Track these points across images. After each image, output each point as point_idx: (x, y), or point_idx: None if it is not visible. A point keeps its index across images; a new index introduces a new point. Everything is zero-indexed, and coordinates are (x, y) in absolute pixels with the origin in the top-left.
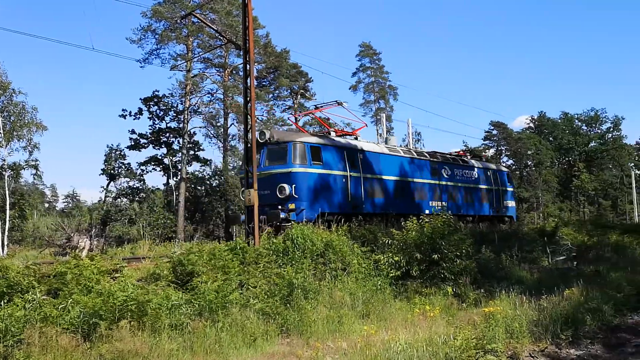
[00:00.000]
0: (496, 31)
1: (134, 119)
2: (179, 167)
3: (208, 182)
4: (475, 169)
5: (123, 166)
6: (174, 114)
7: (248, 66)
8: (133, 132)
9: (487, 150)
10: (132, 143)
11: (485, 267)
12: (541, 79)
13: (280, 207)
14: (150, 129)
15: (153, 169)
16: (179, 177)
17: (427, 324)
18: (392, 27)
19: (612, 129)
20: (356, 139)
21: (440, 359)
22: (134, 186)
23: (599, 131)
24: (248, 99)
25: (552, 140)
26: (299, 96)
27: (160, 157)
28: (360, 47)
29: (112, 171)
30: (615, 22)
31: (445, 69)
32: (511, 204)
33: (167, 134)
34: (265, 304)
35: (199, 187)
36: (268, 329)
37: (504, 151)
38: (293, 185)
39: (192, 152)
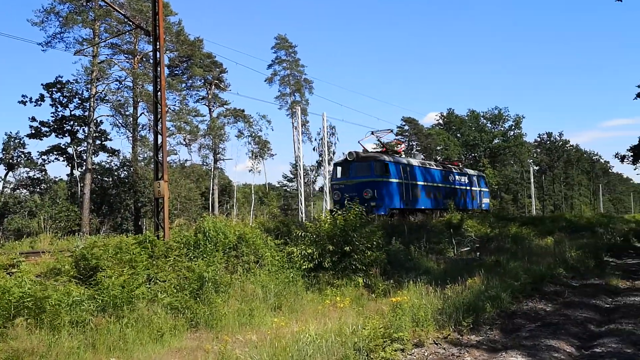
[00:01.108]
0: (408, 31)
1: (35, 106)
2: (84, 157)
3: (116, 174)
4: (467, 176)
5: (22, 155)
6: (79, 101)
7: (158, 54)
8: (34, 119)
9: (399, 145)
10: (33, 131)
11: (395, 258)
12: (451, 77)
13: (365, 204)
14: (52, 117)
15: (56, 158)
16: (84, 168)
17: (338, 315)
18: (307, 21)
19: (513, 127)
20: (400, 155)
21: (348, 349)
22: (35, 177)
23: (502, 129)
24: (158, 87)
25: (460, 137)
26: (213, 86)
27: (63, 147)
28: (276, 39)
29: (10, 160)
30: (517, 27)
31: (360, 65)
32: (487, 200)
33: (71, 122)
34: (174, 298)
35: (106, 179)
36: (177, 323)
37: (414, 146)
38: (375, 190)
39: (98, 142)
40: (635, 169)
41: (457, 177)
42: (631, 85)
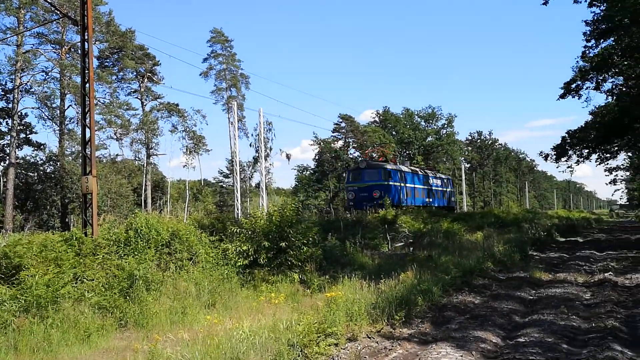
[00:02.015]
0: (344, 28)
1: None
2: (8, 151)
3: (42, 168)
4: (439, 179)
5: None
6: (2, 93)
7: (87, 44)
8: None
9: (336, 142)
10: None
11: (331, 253)
12: (387, 75)
13: (374, 202)
14: None
15: None
16: (7, 162)
17: (272, 311)
18: (244, 15)
19: (446, 125)
20: (396, 162)
21: (282, 345)
22: None
23: (435, 127)
24: (86, 79)
25: (395, 134)
26: (145, 79)
27: None
28: (211, 33)
29: None
30: (451, 30)
31: (297, 61)
32: (453, 199)
33: None
34: (102, 297)
35: (31, 174)
36: (105, 323)
37: (351, 143)
38: (382, 191)
39: (23, 135)
40: (557, 167)
41: (434, 180)
42: (555, 87)
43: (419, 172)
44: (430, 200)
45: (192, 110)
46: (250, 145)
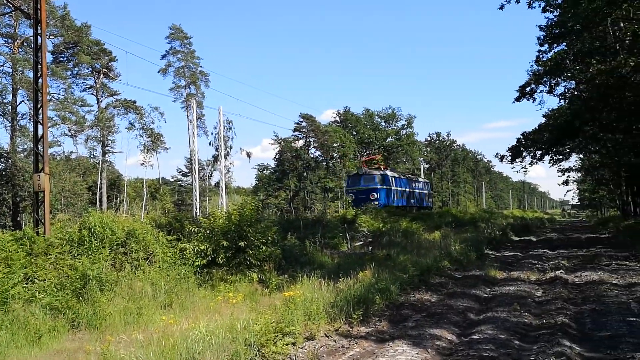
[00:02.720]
0: (305, 28)
1: None
2: None
3: None
4: (420, 182)
5: None
6: None
7: (40, 38)
8: None
9: (296, 142)
10: None
11: (290, 253)
12: (348, 75)
13: (371, 202)
14: None
15: None
16: None
17: (230, 311)
18: (203, 13)
19: (406, 126)
20: (387, 168)
21: (239, 344)
22: None
23: (395, 127)
24: (39, 74)
25: (355, 134)
26: (101, 75)
27: None
28: (170, 29)
29: None
30: (411, 31)
31: (258, 60)
32: (431, 200)
33: None
34: (54, 297)
35: None
36: (56, 324)
37: (312, 143)
38: (378, 193)
39: None
40: (512, 168)
41: (415, 183)
42: (511, 90)
43: (404, 177)
44: (413, 201)
45: (149, 107)
46: (210, 143)
